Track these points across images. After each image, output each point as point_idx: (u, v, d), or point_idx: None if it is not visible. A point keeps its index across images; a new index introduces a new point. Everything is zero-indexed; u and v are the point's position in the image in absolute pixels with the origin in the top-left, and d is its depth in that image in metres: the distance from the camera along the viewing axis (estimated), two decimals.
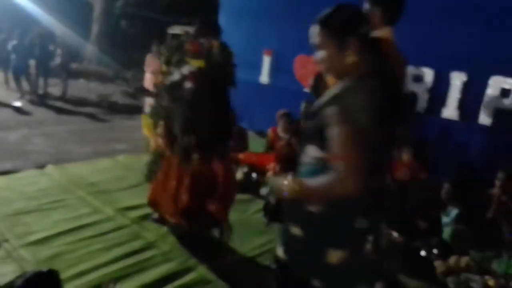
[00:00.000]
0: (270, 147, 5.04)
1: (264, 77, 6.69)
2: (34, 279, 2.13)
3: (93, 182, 4.21)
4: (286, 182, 1.52)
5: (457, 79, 4.27)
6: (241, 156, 4.76)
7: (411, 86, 4.60)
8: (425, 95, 4.52)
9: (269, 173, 4.37)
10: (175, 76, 3.03)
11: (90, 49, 15.01)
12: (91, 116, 7.98)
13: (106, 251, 2.95)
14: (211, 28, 3.10)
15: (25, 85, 9.55)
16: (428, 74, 4.47)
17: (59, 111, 8.33)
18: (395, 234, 3.39)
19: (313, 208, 1.52)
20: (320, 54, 1.55)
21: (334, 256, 1.54)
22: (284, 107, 4.99)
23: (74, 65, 11.56)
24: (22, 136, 6.03)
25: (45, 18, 12.93)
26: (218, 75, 3.00)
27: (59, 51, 10.16)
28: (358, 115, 1.39)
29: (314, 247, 1.58)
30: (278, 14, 6.41)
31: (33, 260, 2.76)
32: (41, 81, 9.74)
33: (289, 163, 4.48)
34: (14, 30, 10.19)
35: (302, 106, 4.85)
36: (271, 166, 4.50)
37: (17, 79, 9.47)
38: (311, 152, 1.51)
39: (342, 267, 1.57)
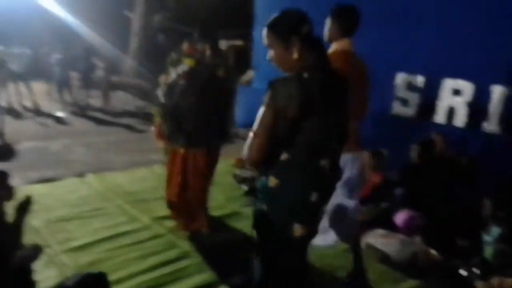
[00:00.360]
0: None
1: None
2: (85, 280, 2.21)
3: (131, 191, 4.33)
4: None
5: (498, 93, 4.14)
6: None
7: (451, 100, 4.49)
8: (464, 109, 4.40)
9: None
10: (172, 75, 3.34)
11: (128, 62, 15.50)
12: (128, 127, 8.21)
13: (143, 260, 3.01)
14: (210, 35, 3.43)
15: (67, 96, 9.96)
16: (468, 88, 4.36)
17: (99, 122, 8.63)
18: (433, 251, 3.29)
19: (271, 183, 1.75)
20: (270, 53, 1.82)
21: (298, 230, 1.77)
22: None
23: (113, 78, 11.96)
24: (64, 145, 6.29)
25: (86, 32, 13.48)
26: (209, 75, 3.30)
27: (101, 64, 10.57)
28: (283, 102, 1.65)
29: (280, 221, 1.78)
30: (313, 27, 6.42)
31: (73, 266, 2.86)
32: (82, 93, 10.14)
33: None
34: (56, 43, 10.69)
35: None
36: None
37: (60, 91, 9.90)
38: None
39: (303, 240, 1.83)
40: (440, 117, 4.60)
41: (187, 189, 3.38)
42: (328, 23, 2.65)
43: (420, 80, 4.76)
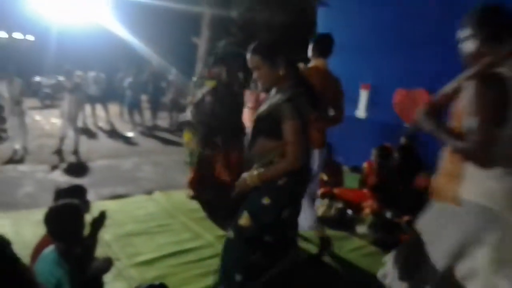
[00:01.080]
0: (364, 182, 4.92)
1: (361, 112, 6.61)
2: None
3: (195, 209, 4.44)
4: (248, 177, 2.19)
5: None
6: (336, 191, 4.68)
7: None
8: None
9: (366, 211, 4.24)
10: (199, 95, 4.35)
11: (194, 85, 16.14)
12: None
13: (205, 277, 3.06)
14: (226, 62, 4.42)
15: (137, 117, 10.54)
16: None
17: (166, 142, 9.03)
18: None
19: (281, 182, 2.13)
20: (256, 73, 2.20)
21: (286, 213, 2.23)
22: (382, 142, 4.87)
23: (180, 100, 12.53)
24: (134, 164, 6.64)
25: (156, 58, 14.27)
26: (227, 91, 4.28)
27: (171, 88, 11.12)
28: (304, 112, 2.10)
29: (280, 210, 2.20)
30: (375, 48, 6.35)
31: (140, 280, 2.97)
32: (151, 114, 10.69)
33: (386, 198, 4.30)
34: (130, 68, 11.41)
35: (402, 140, 4.70)
36: (368, 203, 4.36)
37: (130, 112, 10.51)
38: (266, 143, 2.15)
39: (291, 219, 2.34)
40: None
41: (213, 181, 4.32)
42: (309, 46, 3.46)
43: None
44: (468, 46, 1.82)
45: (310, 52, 3.49)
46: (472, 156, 1.63)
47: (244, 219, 2.23)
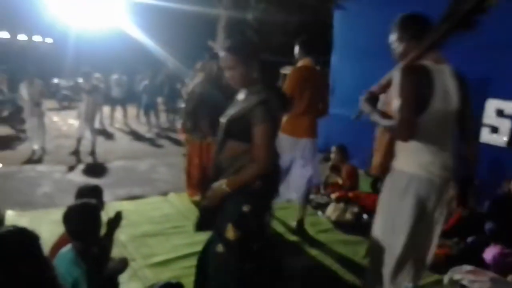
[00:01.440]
0: (374, 186, 4.86)
1: None
2: None
3: None
4: (224, 183, 2.07)
5: None
6: (351, 195, 4.63)
7: None
8: None
9: None
10: (190, 86, 4.67)
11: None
12: None
13: None
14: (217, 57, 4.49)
15: (153, 119, 10.63)
16: None
17: (180, 143, 9.06)
18: None
19: (255, 187, 2.07)
20: (230, 73, 2.13)
21: (267, 217, 2.27)
22: None
23: None
24: (150, 165, 6.69)
25: (172, 61, 14.40)
26: (215, 84, 4.37)
27: (183, 89, 11.23)
28: (275, 115, 2.08)
29: (260, 216, 2.18)
30: (391, 53, 6.29)
31: (155, 280, 2.97)
32: (166, 116, 10.77)
33: None
34: (147, 71, 11.55)
35: None
36: None
37: (146, 114, 10.62)
38: (236, 146, 2.09)
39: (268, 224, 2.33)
40: None
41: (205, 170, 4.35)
42: (295, 47, 3.85)
43: None
44: (398, 46, 2.23)
45: (296, 53, 3.89)
46: (396, 132, 1.97)
47: (229, 232, 2.13)
